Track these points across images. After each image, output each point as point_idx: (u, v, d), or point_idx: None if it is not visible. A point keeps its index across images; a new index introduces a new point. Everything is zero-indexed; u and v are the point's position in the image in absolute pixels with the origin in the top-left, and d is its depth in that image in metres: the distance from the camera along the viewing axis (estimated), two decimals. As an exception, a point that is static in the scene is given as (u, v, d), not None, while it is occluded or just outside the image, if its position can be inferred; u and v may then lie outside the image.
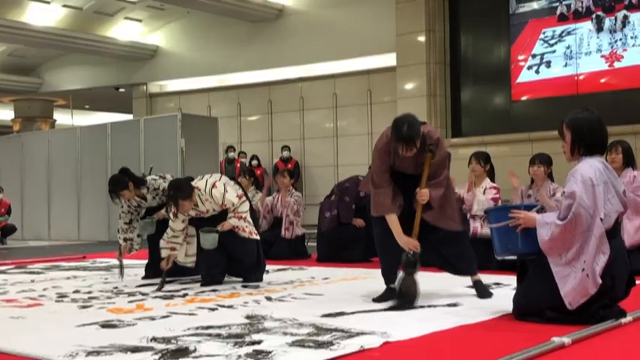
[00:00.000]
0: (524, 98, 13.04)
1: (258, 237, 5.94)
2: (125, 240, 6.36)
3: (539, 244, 3.67)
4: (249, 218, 5.81)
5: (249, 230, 5.79)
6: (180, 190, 5.60)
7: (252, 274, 5.93)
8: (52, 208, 14.63)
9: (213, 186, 5.69)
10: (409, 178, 4.63)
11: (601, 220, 3.57)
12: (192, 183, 5.74)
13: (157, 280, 5.83)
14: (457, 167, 10.25)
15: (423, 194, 4.50)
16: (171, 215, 5.78)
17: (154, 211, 6.34)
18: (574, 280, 3.57)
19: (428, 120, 13.17)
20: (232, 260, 5.88)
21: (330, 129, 15.35)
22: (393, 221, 4.55)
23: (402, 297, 4.38)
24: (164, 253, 5.82)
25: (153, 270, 6.29)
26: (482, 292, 4.74)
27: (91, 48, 17.63)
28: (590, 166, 3.65)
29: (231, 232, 5.74)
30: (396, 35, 13.58)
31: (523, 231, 3.79)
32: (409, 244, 4.47)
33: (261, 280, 5.94)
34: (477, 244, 6.36)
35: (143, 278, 6.27)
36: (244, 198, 5.83)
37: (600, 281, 3.54)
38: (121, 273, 6.22)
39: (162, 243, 5.84)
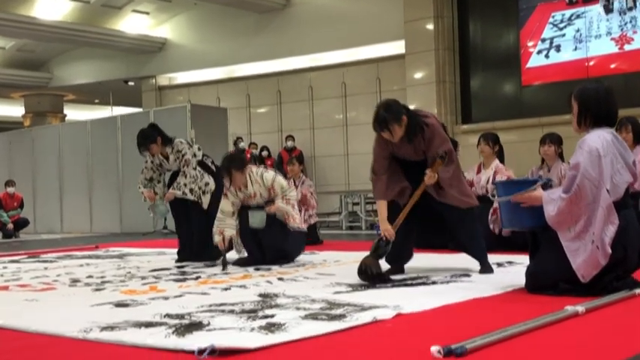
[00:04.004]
0: (534, 83, 12.97)
1: (305, 228, 6.08)
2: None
3: (546, 220, 3.66)
4: (296, 206, 5.90)
5: (299, 219, 5.88)
6: (234, 161, 5.80)
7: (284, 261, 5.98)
8: (64, 201, 14.71)
9: (265, 171, 5.90)
10: (414, 164, 4.78)
11: (607, 191, 3.54)
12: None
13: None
14: (467, 154, 10.22)
15: (431, 176, 4.61)
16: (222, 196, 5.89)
17: (174, 175, 6.49)
18: (584, 252, 3.55)
19: (437, 107, 13.12)
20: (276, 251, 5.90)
21: (339, 118, 15.31)
22: (380, 207, 4.77)
23: (360, 273, 4.51)
24: (215, 239, 5.90)
25: (183, 255, 6.52)
26: (485, 268, 4.82)
27: (100, 41, 17.64)
28: (598, 137, 3.63)
29: (282, 225, 5.78)
30: (404, 22, 13.51)
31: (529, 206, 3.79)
32: (387, 231, 4.62)
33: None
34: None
35: (176, 261, 6.40)
36: (293, 186, 5.92)
37: (610, 251, 3.52)
38: (154, 210, 6.52)
39: (214, 230, 5.92)
